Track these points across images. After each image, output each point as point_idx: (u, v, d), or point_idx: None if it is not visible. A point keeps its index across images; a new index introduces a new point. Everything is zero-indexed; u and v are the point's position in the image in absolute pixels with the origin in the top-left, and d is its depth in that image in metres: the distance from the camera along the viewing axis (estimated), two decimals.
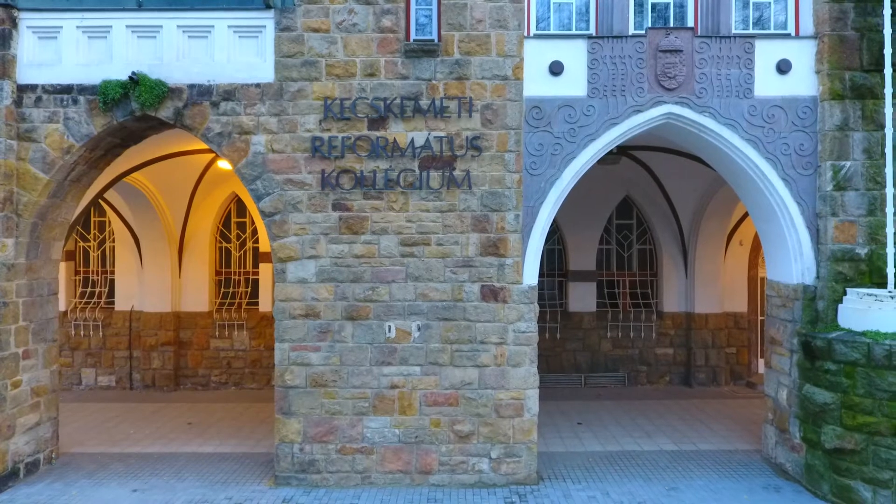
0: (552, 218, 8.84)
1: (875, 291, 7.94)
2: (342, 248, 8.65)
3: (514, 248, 8.64)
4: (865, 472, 7.59)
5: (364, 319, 8.64)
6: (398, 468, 8.63)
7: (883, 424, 7.47)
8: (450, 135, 8.62)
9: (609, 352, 14.22)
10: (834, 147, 8.45)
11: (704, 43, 8.64)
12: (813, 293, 8.63)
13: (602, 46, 8.66)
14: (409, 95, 8.61)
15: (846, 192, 8.45)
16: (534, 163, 8.65)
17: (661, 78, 8.61)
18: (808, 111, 8.63)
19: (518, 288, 8.64)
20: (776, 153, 8.64)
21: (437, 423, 8.64)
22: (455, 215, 8.64)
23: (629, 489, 8.48)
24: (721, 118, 8.63)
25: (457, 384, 8.63)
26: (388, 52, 8.62)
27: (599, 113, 8.64)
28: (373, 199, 8.65)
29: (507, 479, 8.62)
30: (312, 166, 8.64)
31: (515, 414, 8.64)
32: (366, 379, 8.63)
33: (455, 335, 8.63)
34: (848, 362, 7.75)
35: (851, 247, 8.44)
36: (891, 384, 7.43)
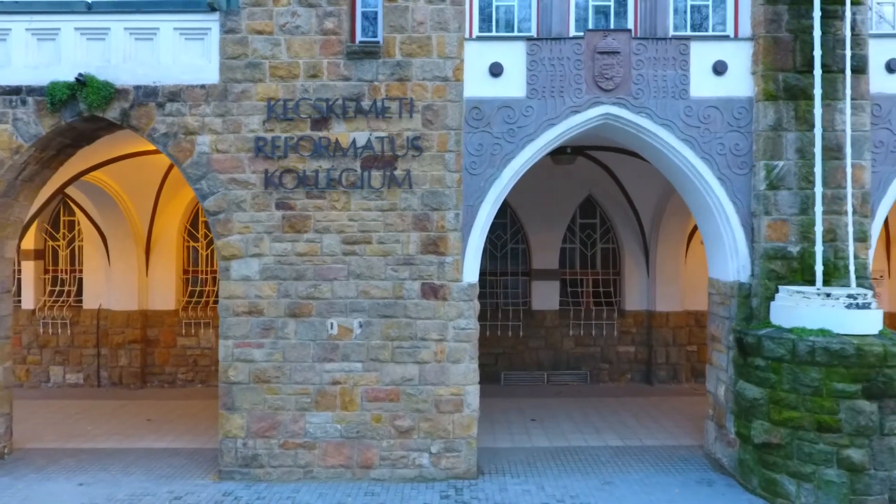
0: (492, 217, 8.98)
1: (803, 289, 8.09)
2: (285, 246, 8.80)
3: (453, 247, 8.79)
4: (790, 465, 7.74)
5: (307, 317, 8.79)
6: (340, 463, 8.78)
7: (806, 419, 7.62)
8: (391, 135, 8.77)
9: (571, 350, 14.36)
10: (767, 147, 8.60)
11: (641, 45, 8.78)
12: (748, 291, 8.78)
13: (541, 48, 8.80)
14: (351, 96, 8.76)
15: (779, 192, 8.59)
16: (473, 163, 8.80)
17: (598, 79, 8.75)
18: (744, 111, 8.78)
19: (458, 286, 8.79)
20: (712, 153, 8.79)
21: (379, 418, 8.79)
22: (396, 214, 8.79)
23: (565, 483, 8.63)
24: (657, 118, 8.78)
25: (397, 380, 8.78)
26: (331, 54, 8.77)
27: (538, 113, 8.78)
28: (315, 198, 8.80)
29: (446, 474, 8.77)
30: (256, 166, 8.79)
31: (455, 409, 8.79)
32: (308, 375, 8.79)
33: (396, 332, 8.78)
34: (775, 358, 7.90)
35: (784, 245, 8.59)
36: (813, 380, 7.58)
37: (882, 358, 7.42)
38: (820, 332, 7.75)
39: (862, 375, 7.43)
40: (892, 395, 7.45)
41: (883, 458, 7.40)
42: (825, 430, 7.51)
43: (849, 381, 7.45)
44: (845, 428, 7.44)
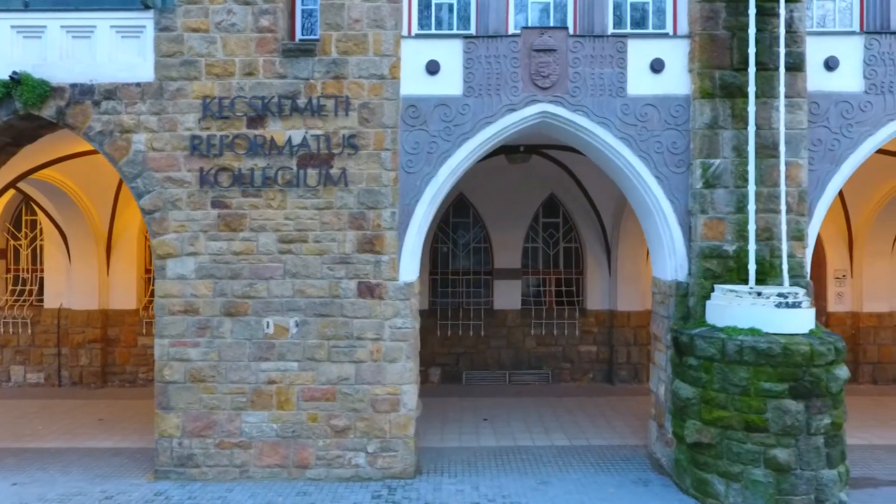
0: (429, 215, 8.92)
1: (736, 287, 8.04)
2: (221, 245, 8.76)
3: (390, 246, 8.74)
4: (720, 465, 7.69)
5: (242, 315, 8.76)
6: (276, 462, 8.74)
7: (735, 419, 7.57)
8: (327, 133, 8.73)
9: (533, 349, 14.32)
10: (704, 145, 8.55)
11: (578, 42, 8.74)
12: (685, 289, 8.73)
13: (477, 46, 8.76)
14: (287, 94, 8.72)
15: (715, 190, 8.55)
16: (410, 161, 8.76)
17: (535, 77, 8.71)
18: (681, 109, 8.73)
19: (394, 284, 8.74)
20: (649, 151, 8.74)
21: (315, 417, 8.75)
22: (332, 213, 8.75)
23: (501, 483, 8.58)
24: (594, 116, 8.73)
25: (334, 379, 8.74)
26: (267, 52, 8.73)
27: (475, 112, 8.74)
28: (251, 196, 8.76)
29: (383, 473, 8.73)
30: (192, 164, 8.75)
31: (391, 409, 8.75)
32: (244, 374, 8.75)
33: (332, 331, 8.74)
34: (706, 358, 7.86)
35: (720, 244, 8.54)
36: (741, 379, 7.53)
37: (809, 357, 7.38)
38: (750, 331, 7.71)
39: (789, 375, 7.38)
40: (819, 394, 7.40)
41: (809, 458, 7.35)
42: (753, 429, 7.47)
43: (776, 380, 7.40)
44: (772, 427, 7.40)
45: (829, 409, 7.46)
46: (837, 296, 14.15)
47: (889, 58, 8.72)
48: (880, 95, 8.72)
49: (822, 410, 7.41)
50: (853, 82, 8.75)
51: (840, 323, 14.13)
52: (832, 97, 8.73)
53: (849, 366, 13.79)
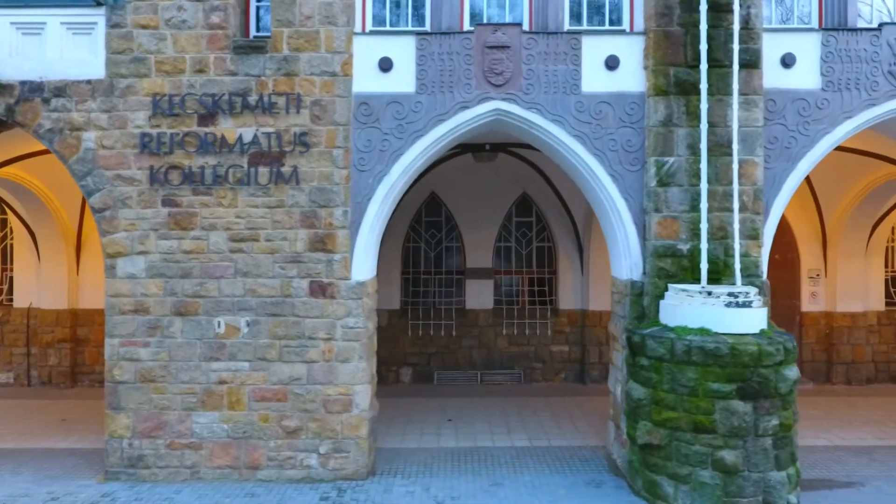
0: (383, 214, 8.83)
1: (688, 287, 7.94)
2: (171, 243, 8.67)
3: (342, 244, 8.65)
4: (669, 467, 7.60)
5: (193, 315, 8.67)
6: (227, 463, 8.65)
7: (683, 420, 7.48)
8: (279, 131, 8.64)
9: (505, 349, 14.23)
10: (658, 143, 8.45)
11: (532, 39, 8.64)
12: (640, 289, 8.64)
13: (430, 43, 8.66)
14: (238, 92, 8.63)
15: (669, 188, 8.45)
16: (362, 159, 8.67)
17: (488, 74, 8.61)
18: (636, 107, 8.63)
19: (346, 284, 8.66)
20: (604, 149, 8.65)
21: (266, 418, 8.66)
22: (284, 211, 8.66)
23: (452, 484, 8.50)
24: (548, 114, 8.64)
25: (285, 380, 8.65)
26: (218, 49, 8.64)
27: (427, 109, 8.64)
28: (202, 194, 8.67)
29: (334, 475, 8.64)
30: (142, 162, 8.66)
31: (344, 409, 8.66)
32: (195, 374, 8.66)
33: (284, 331, 8.66)
34: (656, 358, 7.77)
35: (674, 243, 8.44)
36: (689, 380, 7.44)
37: (756, 357, 7.28)
38: (700, 331, 7.61)
39: (736, 375, 7.29)
40: (767, 395, 7.30)
41: (757, 460, 7.26)
42: (701, 430, 7.37)
43: (724, 380, 7.31)
44: (720, 429, 7.30)
45: (778, 410, 7.36)
46: (811, 295, 14.06)
47: (846, 55, 8.62)
48: (837, 93, 8.62)
49: (770, 411, 7.31)
50: (810, 79, 8.65)
51: (814, 323, 14.05)
52: (789, 94, 8.62)
53: (822, 366, 13.93)
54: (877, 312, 14.03)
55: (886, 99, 8.61)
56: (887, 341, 14.01)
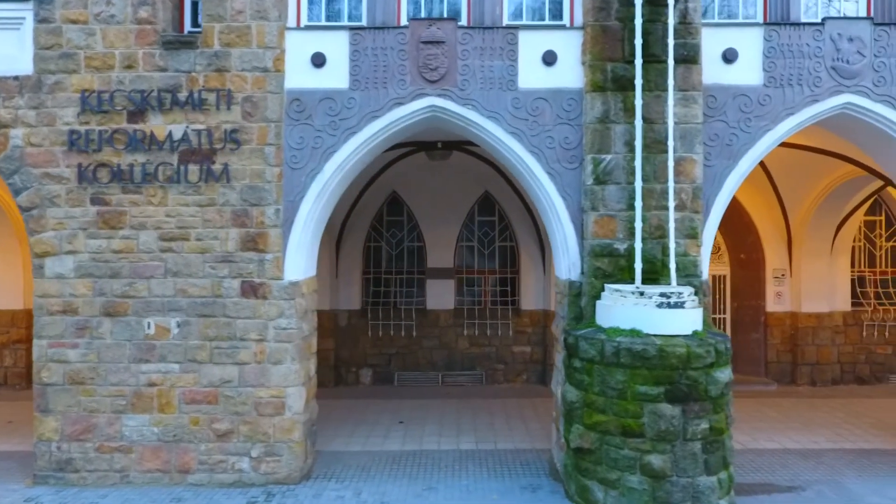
0: (317, 213, 8.62)
1: (621, 287, 7.76)
2: (100, 243, 8.50)
3: (274, 244, 8.48)
4: (599, 471, 7.41)
5: (122, 316, 8.49)
6: (157, 467, 8.48)
7: (612, 423, 7.30)
8: (209, 128, 8.47)
9: (466, 350, 14.05)
10: (596, 140, 8.26)
11: (468, 34, 8.46)
12: (578, 289, 8.46)
13: (364, 38, 8.48)
14: (167, 88, 8.45)
15: (607, 187, 8.26)
16: (294, 157, 8.49)
17: (423, 70, 8.44)
18: (574, 103, 8.45)
19: (279, 284, 8.48)
20: (541, 146, 8.47)
21: (197, 421, 8.49)
22: (215, 210, 8.49)
23: (385, 489, 8.32)
24: (484, 111, 8.45)
25: (216, 382, 8.48)
26: (147, 44, 8.47)
27: (361, 106, 8.47)
28: (131, 193, 8.50)
29: (267, 479, 8.47)
30: (70, 160, 8.49)
31: (276, 412, 8.48)
32: (124, 376, 8.49)
33: (215, 332, 8.48)
34: (588, 359, 7.59)
35: (611, 242, 8.25)
36: (618, 382, 7.26)
37: (685, 359, 7.10)
38: (631, 332, 7.43)
39: (664, 378, 7.10)
40: (697, 398, 7.12)
41: (685, 465, 7.07)
42: (630, 434, 7.19)
43: (651, 383, 7.13)
44: (648, 433, 7.12)
45: (709, 413, 7.17)
46: (776, 295, 13.88)
47: (789, 50, 8.43)
48: (780, 89, 8.43)
49: (700, 415, 7.12)
50: (752, 75, 8.46)
51: (779, 323, 13.87)
52: (730, 90, 8.44)
53: (787, 367, 13.74)
54: (843, 313, 13.86)
55: (829, 95, 8.43)
56: (853, 342, 13.84)
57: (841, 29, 8.43)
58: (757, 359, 14.00)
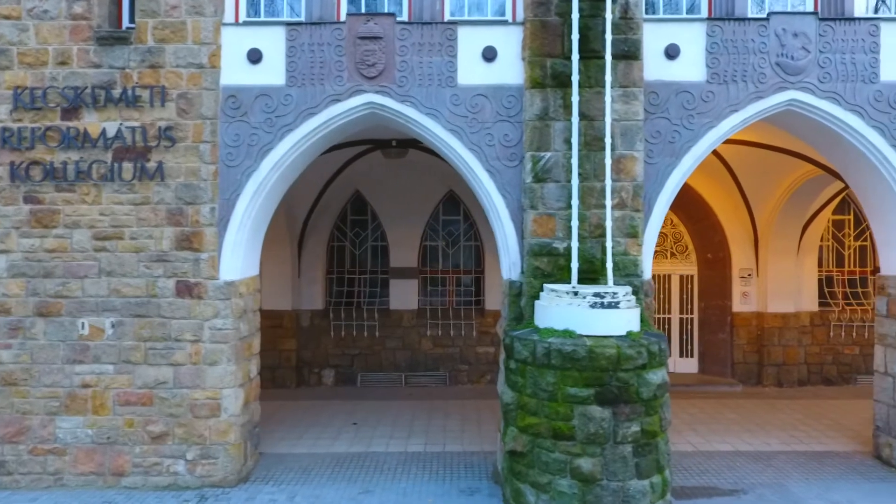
0: (254, 211, 8.47)
1: (557, 287, 7.61)
2: (33, 242, 8.36)
3: (209, 243, 8.34)
4: (531, 475, 7.27)
5: (56, 316, 8.36)
6: (91, 470, 8.35)
7: (544, 426, 7.14)
8: (144, 125, 8.33)
9: (429, 350, 13.91)
10: (535, 137, 8.12)
11: (406, 29, 8.32)
12: (518, 289, 8.32)
13: (301, 33, 8.35)
14: (101, 84, 8.32)
15: (546, 184, 8.12)
16: (230, 154, 8.35)
17: (360, 66, 8.30)
18: (514, 100, 8.31)
19: (214, 283, 8.34)
20: (481, 144, 8.33)
21: (131, 423, 8.35)
22: (149, 208, 8.35)
23: (321, 492, 8.18)
24: (423, 107, 8.32)
25: (151, 383, 8.34)
26: (81, 40, 8.34)
27: (297, 102, 8.33)
28: (65, 191, 8.37)
29: (202, 482, 8.33)
30: (3, 158, 8.36)
31: (212, 414, 8.34)
32: (57, 378, 8.35)
33: (149, 332, 8.35)
34: (521, 360, 7.44)
35: (550, 241, 8.11)
36: (549, 383, 7.11)
37: (615, 361, 6.95)
38: (564, 332, 7.28)
39: (594, 379, 6.95)
40: (628, 400, 6.97)
41: (615, 468, 6.92)
42: (560, 437, 7.04)
43: (581, 385, 6.97)
44: (578, 436, 6.96)
45: (640, 416, 7.02)
46: (743, 295, 13.73)
47: (732, 45, 8.29)
48: (723, 85, 8.29)
49: (631, 417, 6.97)
50: (695, 71, 8.32)
51: (745, 323, 13.72)
52: (673, 87, 8.29)
53: (754, 367, 13.58)
54: (809, 313, 13.70)
55: (774, 91, 8.29)
56: (820, 342, 13.68)
57: (786, 24, 8.29)
58: (723, 359, 13.85)
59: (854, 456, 9.37)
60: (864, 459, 9.22)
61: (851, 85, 8.28)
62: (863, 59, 8.28)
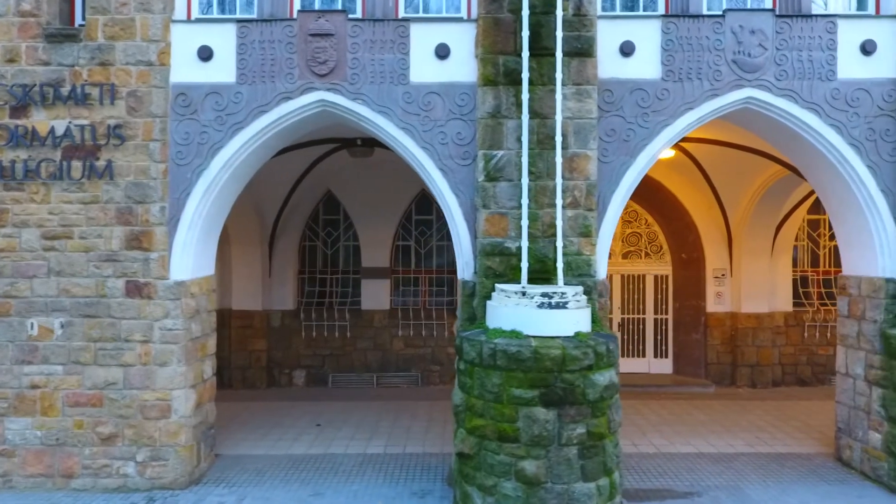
0: (205, 210, 8.37)
1: (506, 287, 7.51)
2: None
3: (159, 242, 8.26)
4: (478, 477, 7.16)
5: (5, 316, 8.27)
6: (40, 471, 8.26)
7: (489, 427, 7.04)
8: (93, 123, 8.25)
9: (401, 351, 13.82)
10: (487, 135, 8.02)
11: (357, 26, 8.23)
12: (471, 289, 8.22)
13: (251, 30, 8.26)
14: (50, 82, 8.24)
15: (498, 183, 8.02)
16: (180, 153, 8.26)
17: (311, 63, 8.21)
18: (467, 98, 8.22)
19: (164, 283, 8.25)
20: (433, 142, 8.24)
21: (81, 424, 8.26)
22: (99, 207, 8.27)
23: (272, 494, 8.09)
24: (375, 105, 8.23)
25: (100, 384, 8.25)
26: (30, 38, 8.25)
27: (248, 100, 8.24)
28: (13, 190, 8.28)
29: (152, 484, 8.24)
30: None
31: (162, 415, 8.25)
32: (6, 378, 8.27)
33: (99, 333, 8.26)
34: (469, 362, 7.34)
35: (502, 240, 8.01)
36: (494, 385, 7.01)
37: (560, 362, 6.84)
38: (511, 333, 7.18)
39: (539, 380, 6.85)
40: (573, 402, 6.86)
41: (560, 471, 6.82)
42: (505, 439, 6.93)
43: (526, 386, 6.87)
44: (523, 437, 6.86)
45: (586, 418, 6.92)
46: (717, 295, 13.63)
47: (688, 42, 8.19)
48: (678, 83, 8.19)
49: (576, 419, 6.87)
50: (650, 69, 8.23)
51: (719, 324, 13.62)
52: (627, 84, 8.20)
53: (728, 368, 13.46)
54: (784, 313, 13.60)
55: (730, 89, 8.19)
56: (794, 343, 13.58)
57: (742, 21, 8.19)
58: (697, 360, 13.75)
59: (816, 458, 9.27)
60: (825, 461, 9.13)
61: (808, 83, 8.18)
62: (820, 57, 8.18)
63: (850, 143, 8.17)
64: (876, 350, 8.30)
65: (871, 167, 8.18)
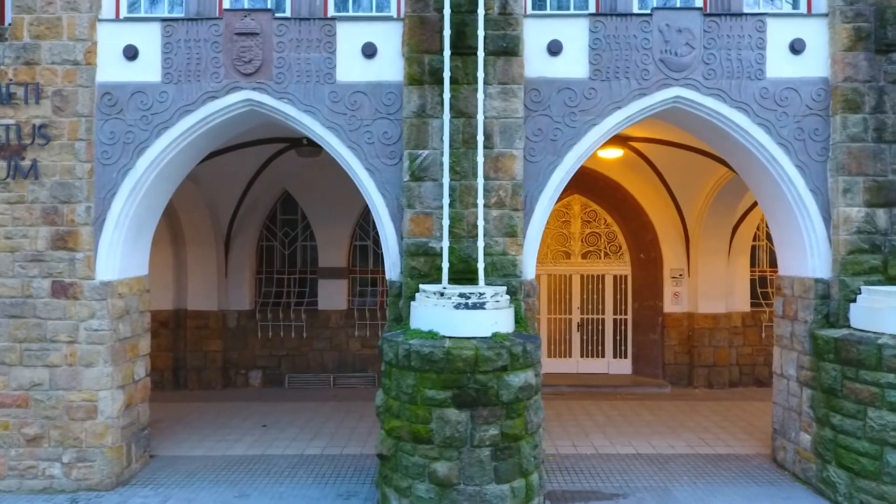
0: (132, 210, 8.34)
1: (427, 287, 7.47)
2: None
3: (85, 242, 8.21)
4: (395, 479, 7.12)
5: None
6: None
7: (405, 429, 7.00)
8: (18, 122, 8.21)
9: (358, 351, 13.77)
10: (413, 135, 7.98)
11: (283, 25, 8.19)
12: (398, 289, 8.18)
13: (177, 29, 8.21)
14: None
15: (423, 183, 7.98)
16: (106, 152, 8.22)
17: (237, 63, 8.16)
18: (394, 97, 8.17)
19: (90, 284, 8.21)
20: (359, 141, 8.20)
21: (6, 425, 8.22)
22: (24, 207, 8.22)
23: (197, 496, 8.05)
24: (301, 104, 8.19)
25: (26, 385, 8.21)
26: None
27: (174, 100, 8.20)
28: None
29: (78, 485, 8.20)
30: None
31: (88, 416, 8.21)
32: None
33: (24, 333, 8.22)
34: (387, 362, 7.31)
35: (427, 240, 7.97)
36: (409, 386, 6.97)
37: (473, 363, 6.80)
38: (428, 334, 7.14)
39: (452, 382, 6.80)
40: (486, 403, 6.82)
41: (472, 472, 6.77)
42: (419, 441, 6.89)
43: (439, 387, 6.82)
44: (436, 439, 6.81)
45: (500, 419, 6.87)
46: (674, 296, 13.58)
47: (615, 41, 8.14)
48: (606, 82, 8.14)
49: (489, 420, 6.82)
50: (578, 68, 8.18)
51: (676, 324, 13.57)
52: (555, 84, 8.15)
53: (685, 369, 13.40)
54: (741, 314, 13.55)
55: (658, 88, 8.14)
56: (752, 343, 13.53)
57: (670, 20, 8.15)
58: (655, 360, 13.70)
59: (754, 459, 9.22)
60: (762, 462, 9.08)
61: (737, 82, 8.13)
62: (749, 56, 8.13)
63: (779, 143, 8.12)
64: (806, 351, 8.25)
65: (799, 167, 8.13)
